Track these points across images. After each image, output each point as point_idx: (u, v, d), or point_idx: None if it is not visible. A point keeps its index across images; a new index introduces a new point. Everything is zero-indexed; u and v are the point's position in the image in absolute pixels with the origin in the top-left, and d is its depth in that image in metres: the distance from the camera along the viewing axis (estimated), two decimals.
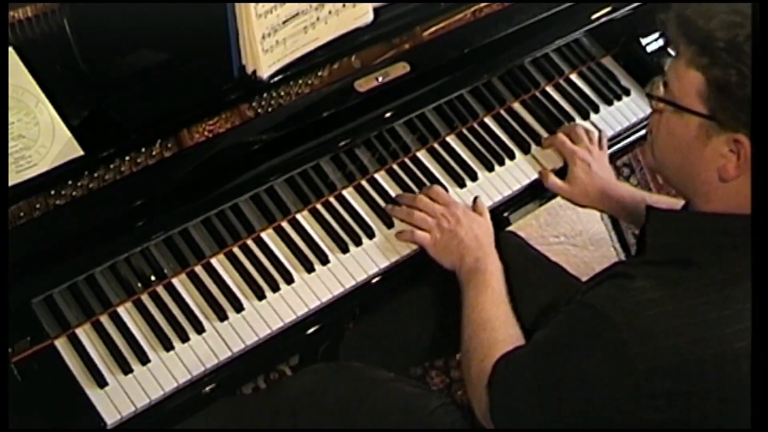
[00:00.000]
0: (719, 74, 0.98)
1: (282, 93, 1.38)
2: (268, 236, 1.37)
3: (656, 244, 1.11)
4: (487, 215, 1.42)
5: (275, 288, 1.32)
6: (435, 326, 1.54)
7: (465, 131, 1.56)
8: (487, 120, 1.59)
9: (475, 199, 1.44)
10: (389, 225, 1.42)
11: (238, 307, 1.29)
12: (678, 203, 1.40)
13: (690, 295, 0.99)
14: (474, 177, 1.50)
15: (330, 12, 1.40)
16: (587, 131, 1.55)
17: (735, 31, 0.97)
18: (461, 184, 1.49)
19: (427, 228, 1.38)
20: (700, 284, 1.00)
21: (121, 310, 1.26)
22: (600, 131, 1.58)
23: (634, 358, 0.97)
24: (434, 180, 1.48)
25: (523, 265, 1.54)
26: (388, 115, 1.44)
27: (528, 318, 1.47)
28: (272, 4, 1.32)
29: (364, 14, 1.46)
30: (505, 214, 1.51)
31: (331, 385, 1.36)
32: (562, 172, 1.52)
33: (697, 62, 1.00)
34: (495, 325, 1.25)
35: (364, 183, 1.46)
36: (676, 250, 1.06)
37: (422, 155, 1.51)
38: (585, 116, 1.63)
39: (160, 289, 1.28)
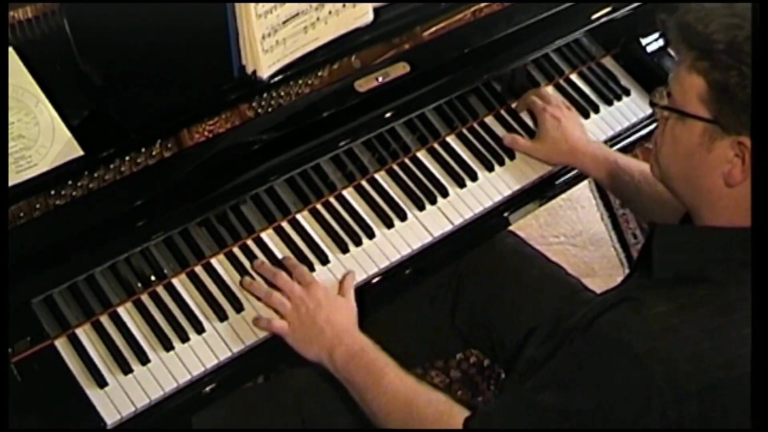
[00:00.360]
0: (720, 77, 0.97)
1: (282, 93, 1.38)
2: (268, 236, 1.37)
3: (664, 261, 1.08)
4: (351, 296, 1.30)
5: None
6: (435, 327, 1.54)
7: (465, 131, 1.56)
8: (487, 120, 1.59)
9: (344, 277, 1.32)
10: (389, 225, 1.42)
11: (238, 308, 1.29)
12: (646, 170, 1.37)
13: (709, 316, 0.97)
14: (474, 177, 1.50)
15: (330, 12, 1.40)
16: (554, 94, 1.57)
17: (734, 33, 0.96)
18: (461, 184, 1.49)
19: (284, 312, 1.25)
20: (718, 305, 0.98)
21: (121, 310, 1.26)
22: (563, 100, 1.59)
23: (661, 386, 0.94)
24: (435, 180, 1.48)
25: (521, 265, 1.54)
26: (388, 115, 1.44)
27: (526, 318, 1.48)
28: (272, 4, 1.32)
29: (364, 14, 1.46)
30: (505, 214, 1.51)
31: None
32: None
33: (698, 66, 1.00)
34: (426, 398, 1.15)
35: (364, 183, 1.46)
36: (687, 267, 1.04)
37: (422, 155, 1.51)
38: (585, 116, 1.63)
39: (160, 289, 1.28)
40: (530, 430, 1.03)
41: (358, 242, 1.39)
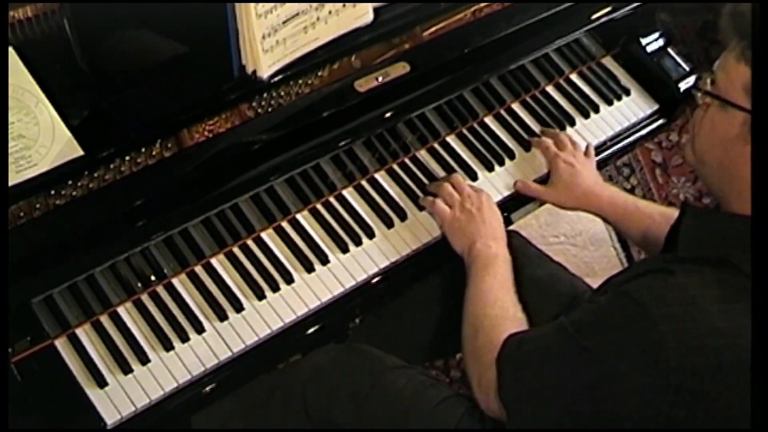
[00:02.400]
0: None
1: (282, 93, 1.38)
2: (268, 236, 1.37)
3: (691, 241, 1.10)
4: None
5: (275, 288, 1.32)
6: (435, 327, 1.54)
7: (465, 131, 1.56)
8: (487, 120, 1.59)
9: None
10: (389, 225, 1.42)
11: (238, 307, 1.29)
12: (666, 212, 1.38)
13: (731, 298, 0.98)
14: (474, 177, 1.50)
15: (330, 12, 1.40)
16: (572, 141, 1.54)
17: None
18: None
19: (450, 201, 1.40)
20: (739, 288, 0.98)
21: (121, 310, 1.26)
22: (588, 144, 1.57)
23: (669, 352, 0.96)
24: (434, 180, 1.48)
25: (525, 265, 1.54)
26: (388, 115, 1.44)
27: (531, 318, 1.47)
28: (272, 4, 1.32)
29: (364, 14, 1.46)
30: (506, 214, 1.50)
31: (342, 366, 1.36)
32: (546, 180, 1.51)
33: (747, 56, 0.99)
34: (504, 305, 1.25)
35: (364, 183, 1.46)
36: (712, 248, 1.04)
37: (422, 155, 1.51)
38: (585, 116, 1.63)
39: (160, 289, 1.28)
40: (555, 354, 1.09)
41: (358, 242, 1.39)
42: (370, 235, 1.40)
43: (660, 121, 1.68)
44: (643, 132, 1.66)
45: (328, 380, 1.34)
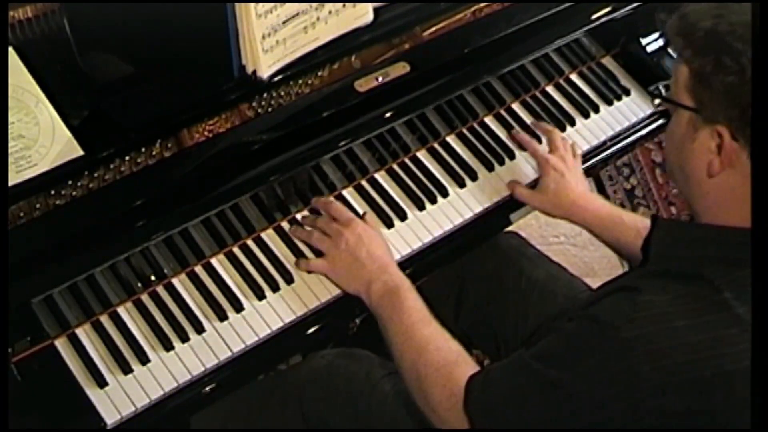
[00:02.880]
0: (699, 64, 0.98)
1: (282, 93, 1.38)
2: (268, 236, 1.37)
3: (661, 254, 1.09)
4: (379, 232, 1.35)
5: (275, 288, 1.32)
6: None
7: (465, 131, 1.56)
8: (487, 120, 1.59)
9: (364, 213, 1.37)
10: (389, 225, 1.42)
11: (238, 307, 1.29)
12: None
13: (700, 312, 0.97)
14: (474, 177, 1.50)
15: (330, 12, 1.40)
16: (564, 141, 1.52)
17: (715, 21, 0.97)
18: (461, 184, 1.49)
19: (324, 250, 1.31)
20: (710, 301, 0.97)
21: (121, 310, 1.26)
22: (573, 143, 1.54)
23: (642, 373, 0.94)
24: (435, 180, 1.48)
25: (524, 265, 1.54)
26: (388, 115, 1.44)
27: (530, 318, 1.48)
28: (272, 4, 1.32)
29: (364, 14, 1.46)
30: (506, 214, 1.51)
31: (339, 370, 1.36)
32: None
33: (684, 55, 1.01)
34: (438, 344, 1.18)
35: (364, 183, 1.46)
36: (683, 262, 1.03)
37: (422, 155, 1.51)
38: (585, 116, 1.63)
39: (160, 289, 1.28)
40: (525, 394, 1.05)
41: None
42: None
43: (660, 121, 1.68)
44: (643, 132, 1.66)
45: (325, 385, 1.34)
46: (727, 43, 0.95)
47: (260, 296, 1.30)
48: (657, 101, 1.10)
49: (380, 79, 1.42)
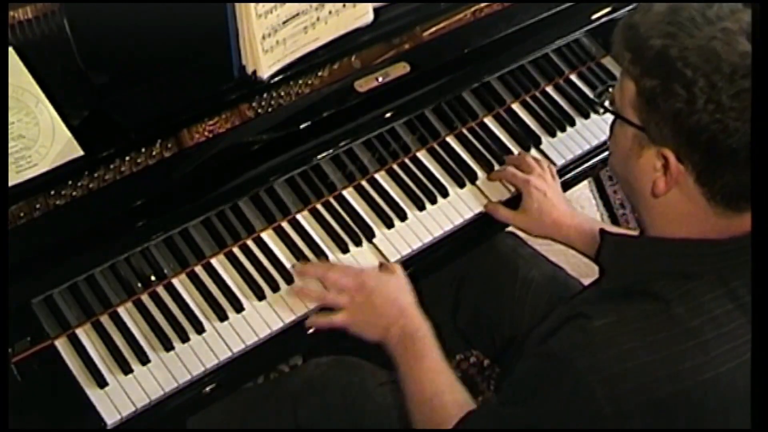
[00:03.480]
0: (647, 84, 0.95)
1: (282, 93, 1.38)
2: (268, 236, 1.37)
3: (610, 271, 1.08)
4: (400, 271, 1.32)
5: (275, 288, 1.32)
6: (436, 327, 1.54)
7: (465, 131, 1.56)
8: (487, 120, 1.59)
9: (380, 264, 1.35)
10: (389, 225, 1.42)
11: (238, 307, 1.29)
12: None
13: (653, 330, 0.95)
14: (474, 177, 1.50)
15: (330, 12, 1.40)
16: (537, 160, 1.51)
17: (667, 42, 0.93)
18: (461, 184, 1.49)
19: (341, 305, 1.29)
20: (662, 318, 0.96)
21: (121, 310, 1.26)
22: (548, 164, 1.52)
23: (601, 401, 0.93)
24: (435, 180, 1.48)
25: (521, 266, 1.54)
26: (388, 115, 1.44)
27: (527, 318, 1.47)
28: (272, 4, 1.32)
29: (364, 14, 1.46)
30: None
31: (335, 378, 1.36)
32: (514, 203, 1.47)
33: (631, 71, 0.97)
34: (443, 399, 1.18)
35: (364, 183, 1.46)
36: (631, 278, 1.02)
37: (422, 155, 1.51)
38: (585, 116, 1.63)
39: (160, 289, 1.28)
40: None
41: (358, 242, 1.39)
42: (370, 235, 1.40)
43: None
44: None
45: (319, 394, 1.34)
46: (677, 70, 0.91)
47: (260, 296, 1.30)
48: (602, 110, 1.07)
49: (380, 79, 1.42)
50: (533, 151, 1.56)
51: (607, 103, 1.08)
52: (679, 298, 0.96)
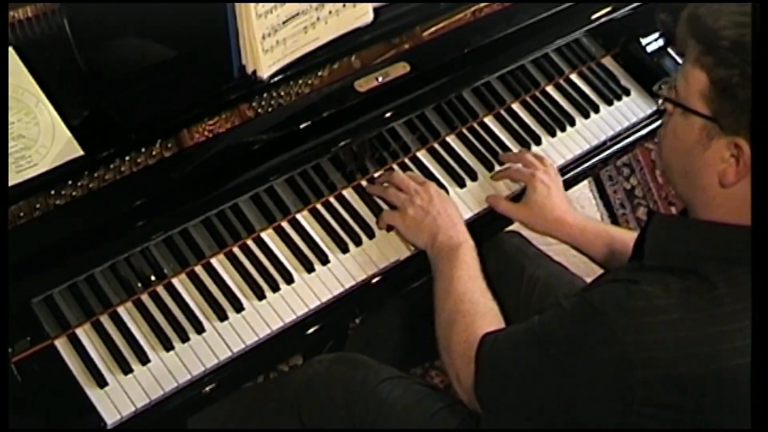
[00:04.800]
0: (723, 74, 0.96)
1: (282, 93, 1.38)
2: (268, 236, 1.37)
3: (657, 249, 1.08)
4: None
5: (275, 288, 1.32)
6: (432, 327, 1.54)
7: (465, 131, 1.56)
8: (487, 120, 1.59)
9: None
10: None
11: (238, 307, 1.29)
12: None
13: (695, 306, 0.97)
14: (474, 177, 1.50)
15: (330, 12, 1.40)
16: (538, 157, 1.50)
17: (742, 31, 0.94)
18: (461, 184, 1.49)
19: (399, 204, 1.37)
20: (706, 297, 0.97)
21: (121, 310, 1.26)
22: (549, 158, 1.53)
23: (632, 363, 0.95)
24: (435, 180, 1.47)
25: (526, 265, 1.54)
26: (388, 115, 1.44)
27: (530, 316, 1.47)
28: (272, 4, 1.32)
29: (364, 14, 1.46)
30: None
31: (335, 377, 1.36)
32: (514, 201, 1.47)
33: (703, 61, 0.98)
34: (474, 297, 1.24)
35: (364, 183, 1.46)
36: (678, 257, 1.03)
37: (422, 155, 1.51)
38: (585, 116, 1.63)
39: (160, 289, 1.28)
40: (527, 360, 1.09)
41: (358, 242, 1.39)
42: (370, 235, 1.40)
43: (660, 121, 1.67)
44: (643, 132, 1.66)
45: (322, 391, 1.34)
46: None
47: (260, 296, 1.30)
48: (668, 105, 1.07)
49: (380, 79, 1.42)
50: (534, 149, 1.56)
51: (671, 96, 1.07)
52: (725, 282, 0.97)
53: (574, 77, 1.69)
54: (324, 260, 1.36)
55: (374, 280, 1.37)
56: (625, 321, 0.97)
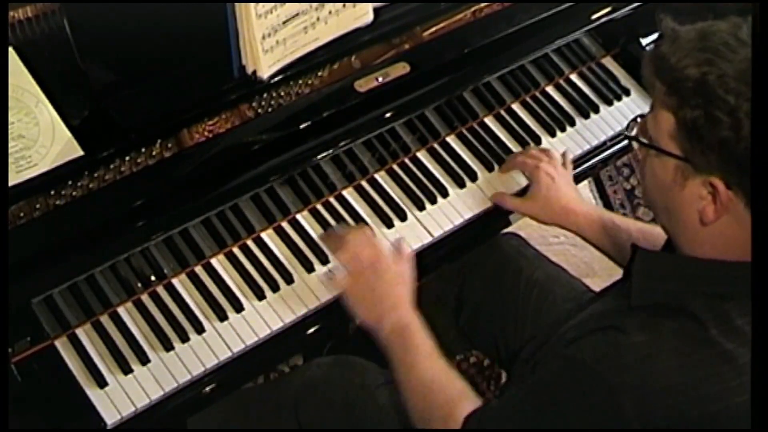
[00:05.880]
0: (688, 116, 0.93)
1: (282, 93, 1.38)
2: (268, 236, 1.37)
3: (643, 288, 1.05)
4: (408, 257, 1.31)
5: (275, 288, 1.32)
6: (438, 327, 1.54)
7: (465, 131, 1.56)
8: (487, 120, 1.59)
9: (399, 244, 1.34)
10: (389, 225, 1.42)
11: (238, 307, 1.29)
12: (645, 228, 1.36)
13: (686, 351, 0.94)
14: (474, 177, 1.50)
15: (330, 12, 1.40)
16: (542, 150, 1.50)
17: (704, 70, 0.91)
18: (461, 185, 1.49)
19: (349, 273, 1.28)
20: (695, 338, 0.95)
21: (121, 310, 1.26)
22: (565, 151, 1.53)
23: (629, 417, 0.93)
24: (435, 180, 1.48)
25: (524, 266, 1.54)
26: (388, 115, 1.44)
27: (530, 319, 1.48)
28: (272, 4, 1.32)
29: (364, 14, 1.46)
30: (506, 214, 1.51)
31: (334, 380, 1.36)
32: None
33: (668, 102, 0.96)
34: (442, 384, 1.18)
35: (364, 183, 1.46)
36: (665, 295, 1.01)
37: (422, 155, 1.51)
38: (585, 116, 1.63)
39: (160, 289, 1.28)
40: (521, 424, 1.04)
41: None
42: None
43: None
44: None
45: (320, 395, 1.34)
46: (718, 97, 0.90)
47: (260, 296, 1.30)
48: (636, 146, 1.06)
49: (380, 79, 1.42)
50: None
51: (639, 137, 1.05)
52: (715, 320, 0.95)
53: (574, 77, 1.69)
54: (324, 260, 1.36)
55: None
56: (618, 377, 0.94)
